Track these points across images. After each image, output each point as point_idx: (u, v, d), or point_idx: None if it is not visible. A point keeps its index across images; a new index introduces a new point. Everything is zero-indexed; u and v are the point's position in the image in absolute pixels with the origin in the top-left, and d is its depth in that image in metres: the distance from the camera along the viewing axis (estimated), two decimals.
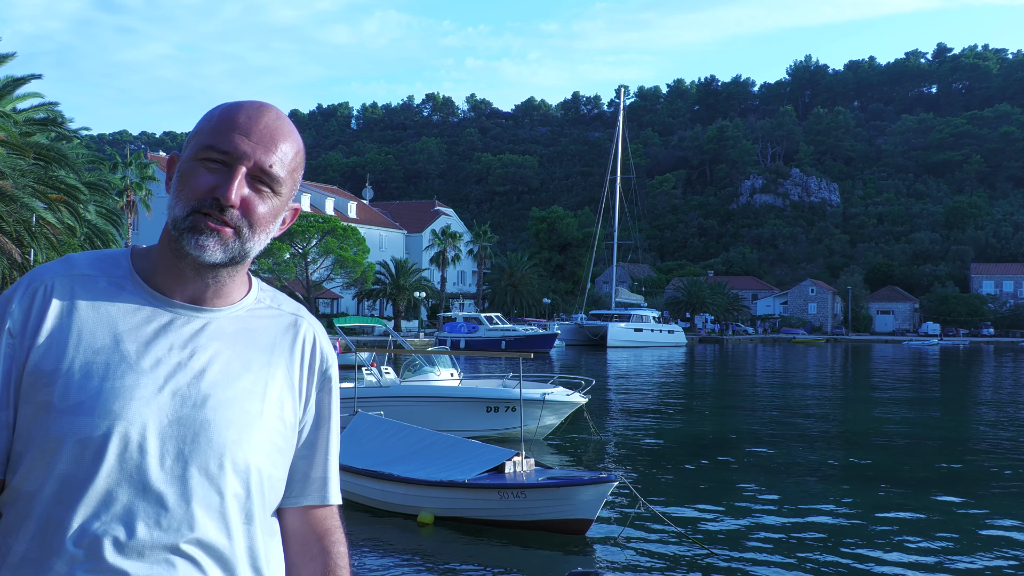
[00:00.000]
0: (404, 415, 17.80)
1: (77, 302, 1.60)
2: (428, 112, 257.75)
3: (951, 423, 26.92)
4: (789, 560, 11.04)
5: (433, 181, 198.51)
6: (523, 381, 19.05)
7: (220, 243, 1.58)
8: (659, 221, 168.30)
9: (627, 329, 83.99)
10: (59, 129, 38.59)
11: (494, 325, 70.62)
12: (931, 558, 11.26)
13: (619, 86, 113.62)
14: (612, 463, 18.02)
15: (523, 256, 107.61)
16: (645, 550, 11.40)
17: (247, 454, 1.61)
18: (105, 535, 1.51)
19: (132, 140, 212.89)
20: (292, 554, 1.76)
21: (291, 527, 1.76)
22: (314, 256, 70.82)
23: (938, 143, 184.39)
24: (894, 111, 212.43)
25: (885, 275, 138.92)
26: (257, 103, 1.65)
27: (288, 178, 1.65)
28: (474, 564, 10.90)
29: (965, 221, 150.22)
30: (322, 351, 1.77)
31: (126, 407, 1.54)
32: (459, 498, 12.35)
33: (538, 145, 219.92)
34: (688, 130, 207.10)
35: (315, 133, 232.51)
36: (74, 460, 1.52)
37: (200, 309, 1.65)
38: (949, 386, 43.96)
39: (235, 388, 1.62)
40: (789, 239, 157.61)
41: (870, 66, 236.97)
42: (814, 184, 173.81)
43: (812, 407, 31.37)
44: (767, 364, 61.31)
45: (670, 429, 23.89)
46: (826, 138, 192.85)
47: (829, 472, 17.76)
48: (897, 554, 11.39)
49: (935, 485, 16.30)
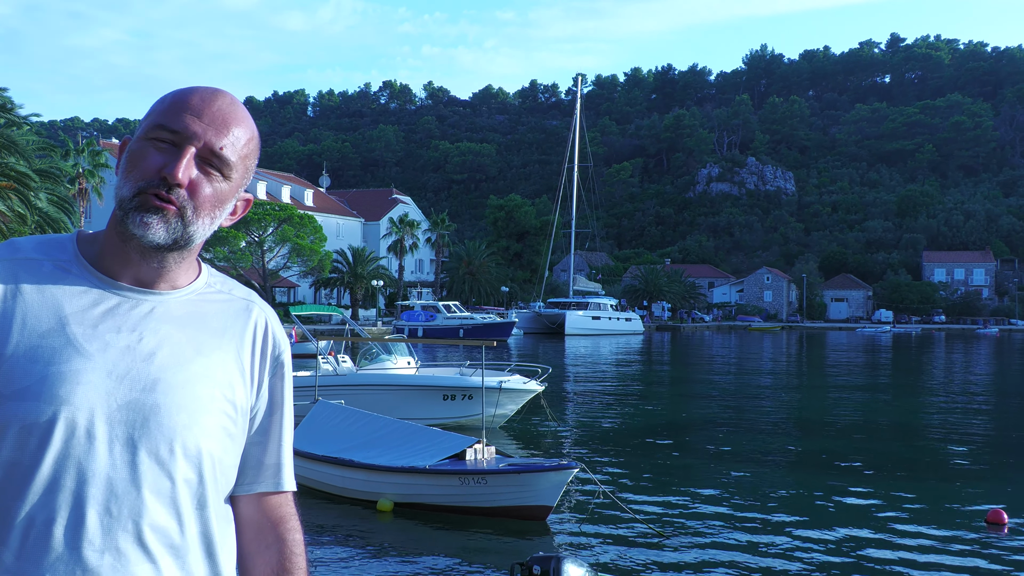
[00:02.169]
0: (360, 403, 17.75)
1: (21, 286, 1.56)
2: (385, 100, 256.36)
3: (903, 408, 27.37)
4: (744, 544, 11.19)
5: (390, 169, 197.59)
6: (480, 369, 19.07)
7: (163, 222, 1.54)
8: (616, 209, 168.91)
9: (585, 317, 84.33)
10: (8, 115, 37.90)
11: (452, 313, 70.58)
12: (884, 539, 11.46)
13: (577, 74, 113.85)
14: (570, 450, 18.11)
15: (481, 244, 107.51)
16: (604, 535, 11.50)
17: (198, 439, 1.57)
18: (53, 523, 1.47)
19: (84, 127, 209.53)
20: (246, 542, 1.72)
21: (245, 515, 1.72)
22: (270, 244, 70.27)
23: (891, 132, 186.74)
24: (848, 100, 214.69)
25: (839, 263, 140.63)
26: (212, 88, 1.62)
27: (239, 164, 1.61)
28: (433, 550, 10.94)
29: (917, 210, 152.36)
30: (274, 336, 1.74)
31: (72, 392, 1.49)
32: (419, 484, 12.37)
33: (496, 133, 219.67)
34: (645, 119, 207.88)
35: (271, 120, 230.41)
36: (19, 447, 1.48)
37: (148, 292, 1.61)
38: (901, 372, 44.68)
39: (186, 372, 1.58)
40: (745, 227, 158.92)
41: (825, 56, 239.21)
42: (769, 173, 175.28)
43: (767, 393, 31.74)
44: (723, 351, 61.87)
45: (627, 416, 24.06)
46: (781, 127, 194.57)
47: (784, 457, 18.00)
48: (850, 536, 11.59)
49: (888, 469, 16.59)
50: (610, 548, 10.95)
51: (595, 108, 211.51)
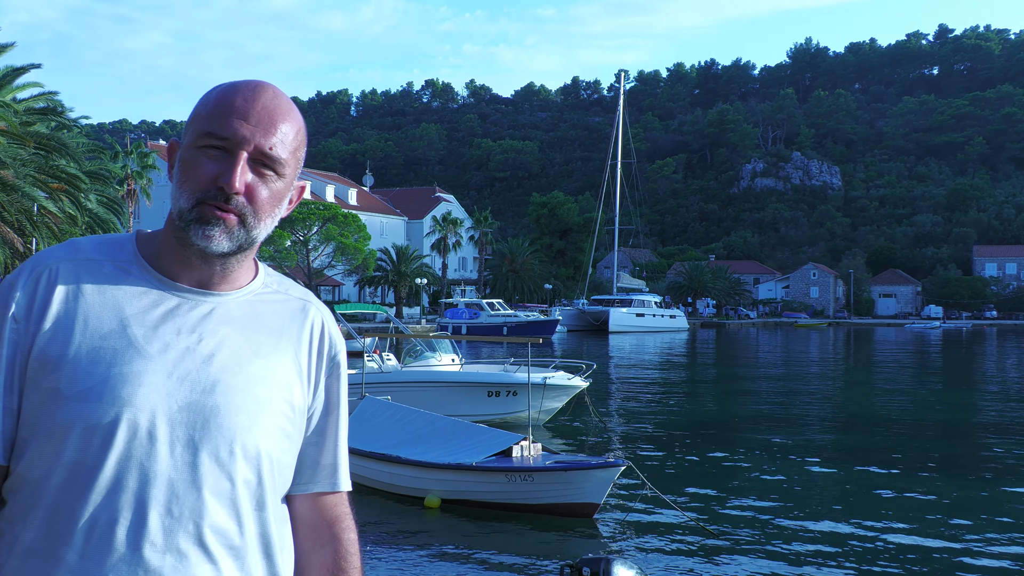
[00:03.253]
0: (405, 400, 17.78)
1: (83, 286, 1.57)
2: (428, 98, 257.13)
3: (954, 406, 26.93)
4: (794, 541, 11.06)
5: (433, 167, 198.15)
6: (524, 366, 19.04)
7: (226, 232, 1.56)
8: (660, 206, 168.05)
9: (629, 314, 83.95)
10: (59, 118, 38.53)
11: (495, 311, 70.61)
12: (938, 540, 11.27)
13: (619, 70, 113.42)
14: (615, 447, 18.03)
15: (524, 242, 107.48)
16: (651, 534, 11.43)
17: (257, 440, 1.58)
18: (116, 524, 1.49)
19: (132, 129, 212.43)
20: (302, 541, 1.73)
21: (301, 514, 1.73)
22: (315, 243, 70.78)
23: (940, 125, 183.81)
24: (895, 93, 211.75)
25: (887, 258, 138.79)
26: (253, 83, 1.61)
27: (291, 158, 1.62)
28: (481, 547, 10.93)
29: (967, 203, 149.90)
30: (331, 337, 1.75)
31: (134, 393, 1.50)
32: (466, 481, 12.37)
33: (538, 130, 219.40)
34: (688, 114, 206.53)
35: (315, 120, 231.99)
36: (82, 447, 1.49)
37: (207, 293, 1.62)
38: (952, 369, 43.98)
39: (245, 373, 1.59)
40: (790, 223, 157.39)
41: (871, 48, 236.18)
42: (815, 167, 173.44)
43: (814, 390, 31.39)
44: (769, 348, 61.34)
45: (673, 413, 23.91)
46: (827, 121, 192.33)
47: (832, 455, 17.77)
48: (899, 536, 11.41)
49: (940, 467, 16.32)
50: (657, 546, 10.88)
51: (637, 104, 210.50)
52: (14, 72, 36.05)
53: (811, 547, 10.84)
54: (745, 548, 10.80)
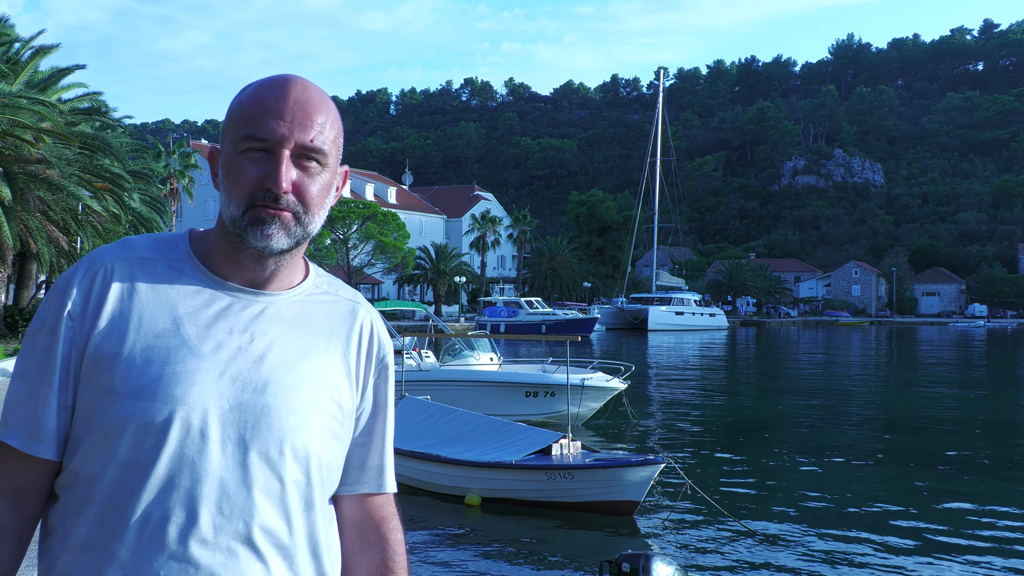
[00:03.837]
0: (443, 399, 17.84)
1: (137, 285, 1.59)
2: (467, 97, 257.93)
3: (1000, 406, 26.55)
4: (836, 543, 10.98)
5: (472, 166, 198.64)
6: (562, 366, 19.01)
7: (283, 228, 1.57)
8: (699, 203, 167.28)
9: (668, 313, 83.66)
10: (103, 118, 39.01)
11: (534, 309, 70.60)
12: (983, 542, 11.14)
13: (658, 68, 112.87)
14: (654, 446, 17.97)
15: (563, 240, 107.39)
16: (691, 532, 11.40)
17: (307, 440, 1.60)
18: (168, 521, 1.50)
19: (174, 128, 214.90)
20: (349, 541, 1.75)
21: (348, 515, 1.76)
22: (355, 242, 71.28)
23: (984, 121, 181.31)
24: (939, 89, 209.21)
25: (930, 256, 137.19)
26: (280, 78, 1.61)
27: (331, 147, 1.62)
28: (521, 545, 10.95)
29: (1013, 200, 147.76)
30: (379, 339, 1.76)
31: (188, 392, 1.52)
32: (506, 479, 12.40)
33: (577, 128, 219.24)
34: (728, 111, 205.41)
35: (354, 119, 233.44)
36: (135, 445, 1.51)
37: (259, 293, 1.64)
38: (997, 369, 43.35)
39: (295, 374, 1.61)
40: (832, 220, 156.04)
41: (914, 44, 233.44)
42: (857, 164, 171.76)
43: (856, 390, 31.08)
44: (810, 347, 60.81)
45: (713, 412, 23.79)
46: (869, 118, 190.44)
47: (875, 455, 17.60)
48: (942, 537, 11.29)
49: (987, 469, 16.11)
50: (696, 544, 10.85)
51: (677, 101, 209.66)
52: (59, 73, 36.58)
53: (851, 547, 10.75)
54: (784, 547, 10.74)
